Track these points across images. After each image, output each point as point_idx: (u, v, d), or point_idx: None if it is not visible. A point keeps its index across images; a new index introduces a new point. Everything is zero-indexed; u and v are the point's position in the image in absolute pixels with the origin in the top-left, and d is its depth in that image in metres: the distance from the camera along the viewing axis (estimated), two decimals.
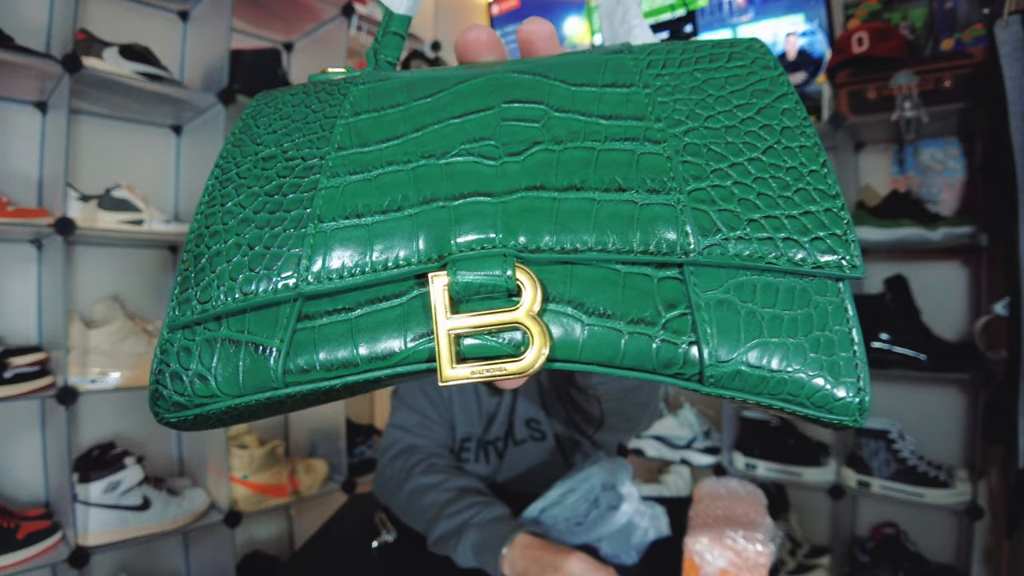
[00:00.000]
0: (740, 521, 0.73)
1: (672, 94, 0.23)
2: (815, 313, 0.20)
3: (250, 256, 0.22)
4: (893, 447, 1.55)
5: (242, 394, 0.22)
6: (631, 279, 0.20)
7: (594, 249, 0.20)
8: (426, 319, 0.20)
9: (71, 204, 1.33)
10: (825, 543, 1.80)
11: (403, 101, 0.25)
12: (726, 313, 0.19)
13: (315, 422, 1.89)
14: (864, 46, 1.56)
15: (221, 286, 0.22)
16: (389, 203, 0.21)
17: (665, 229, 0.20)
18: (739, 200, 0.20)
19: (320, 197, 0.22)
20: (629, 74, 0.24)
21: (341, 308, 0.21)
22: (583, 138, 0.22)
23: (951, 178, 1.70)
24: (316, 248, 0.21)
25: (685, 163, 0.21)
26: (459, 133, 0.23)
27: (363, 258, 0.21)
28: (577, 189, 0.21)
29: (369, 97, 0.25)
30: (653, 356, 0.19)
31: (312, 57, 1.92)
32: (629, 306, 0.20)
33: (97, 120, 1.57)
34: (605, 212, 0.20)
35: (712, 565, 0.67)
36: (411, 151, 0.23)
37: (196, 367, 0.22)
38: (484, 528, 0.77)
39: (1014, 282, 1.20)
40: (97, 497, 1.32)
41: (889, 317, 1.56)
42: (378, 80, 0.27)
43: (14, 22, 1.33)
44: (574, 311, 0.20)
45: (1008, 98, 1.19)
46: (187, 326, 0.23)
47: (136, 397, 1.60)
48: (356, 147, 0.23)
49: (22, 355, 1.29)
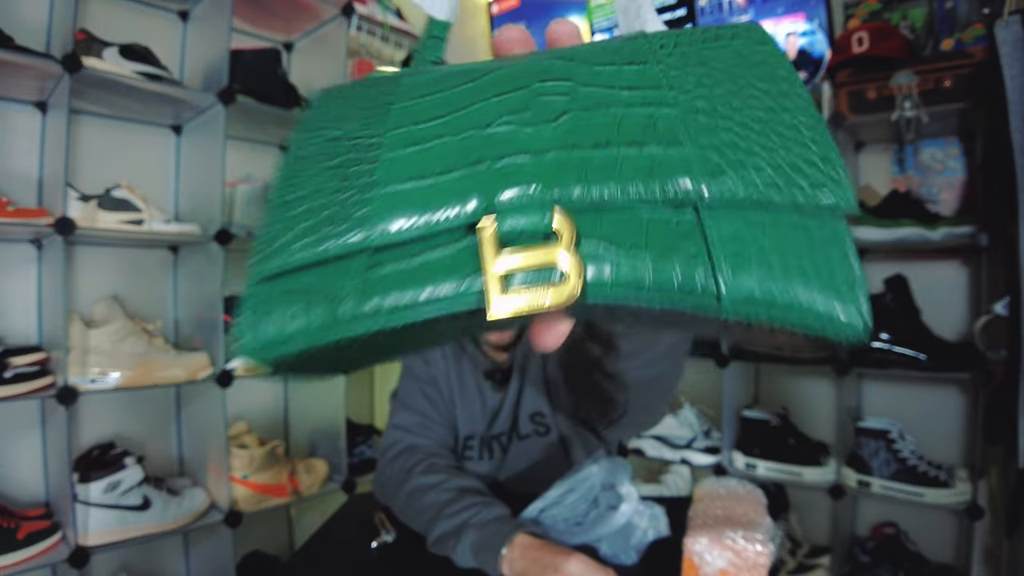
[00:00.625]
0: (740, 521, 0.73)
1: (682, 68, 0.27)
2: (817, 245, 0.23)
3: (323, 217, 0.26)
4: (893, 447, 1.55)
5: (316, 338, 0.25)
6: (653, 221, 0.23)
7: (619, 197, 0.23)
8: (476, 263, 0.24)
9: (71, 204, 1.33)
10: (825, 543, 1.80)
11: (449, 87, 0.29)
12: (738, 247, 0.23)
13: (315, 422, 1.90)
14: (864, 46, 1.56)
15: (297, 244, 0.26)
16: (442, 167, 0.25)
17: (681, 176, 0.23)
18: (744, 150, 0.24)
19: (381, 167, 0.26)
20: (644, 54, 0.28)
21: (402, 258, 0.25)
22: (607, 105, 0.26)
23: (951, 178, 1.70)
24: (381, 208, 0.25)
25: (696, 122, 0.25)
26: (499, 108, 0.27)
27: (421, 214, 0.24)
28: (604, 147, 0.24)
29: (418, 85, 0.30)
30: (675, 282, 0.22)
31: (312, 57, 1.92)
32: (653, 241, 0.23)
33: (97, 120, 1.57)
34: (628, 165, 0.24)
35: (712, 565, 0.67)
36: (458, 125, 0.27)
37: (276, 315, 0.26)
38: (483, 528, 0.77)
39: (1014, 282, 1.20)
40: (97, 497, 1.32)
41: (889, 317, 1.56)
42: (425, 72, 0.31)
43: (14, 22, 1.33)
44: (605, 246, 0.23)
45: (1008, 98, 1.19)
46: (268, 279, 0.27)
47: (136, 397, 1.60)
48: (410, 125, 0.28)
49: (22, 355, 1.29)
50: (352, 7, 1.76)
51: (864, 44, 1.56)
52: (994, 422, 1.33)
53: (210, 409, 1.55)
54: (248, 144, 1.88)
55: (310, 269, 0.26)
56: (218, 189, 1.50)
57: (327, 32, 1.84)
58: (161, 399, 1.67)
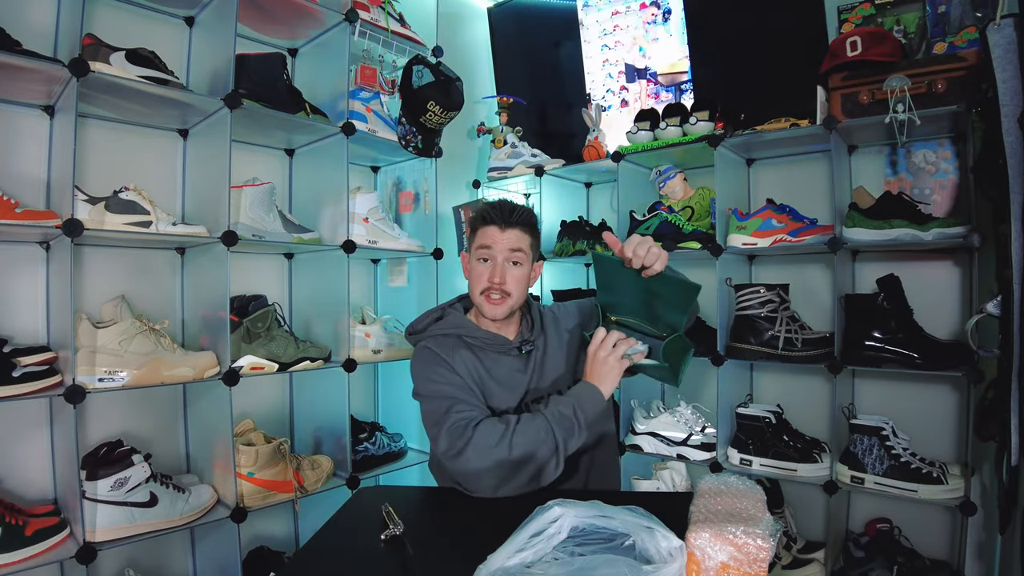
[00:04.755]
0: (740, 517, 0.75)
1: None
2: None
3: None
4: (886, 444, 1.57)
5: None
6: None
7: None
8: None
9: (79, 206, 1.35)
10: (820, 538, 1.83)
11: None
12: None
13: (320, 419, 1.92)
14: (858, 50, 1.58)
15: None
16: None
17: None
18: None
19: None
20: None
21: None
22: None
23: (943, 179, 1.73)
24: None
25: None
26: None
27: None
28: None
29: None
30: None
31: (316, 62, 1.94)
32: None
33: (104, 124, 1.59)
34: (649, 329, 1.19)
35: (713, 559, 0.69)
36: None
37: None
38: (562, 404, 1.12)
39: (1006, 281, 1.22)
40: (104, 494, 1.34)
41: (882, 316, 1.58)
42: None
43: (22, 26, 1.35)
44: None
45: (1000, 100, 1.20)
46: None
47: (144, 395, 1.62)
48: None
49: (30, 354, 1.31)
50: (355, 13, 1.79)
51: (858, 48, 1.58)
52: (986, 420, 1.35)
53: (216, 407, 1.57)
54: (253, 148, 1.90)
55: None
56: (224, 192, 1.52)
57: (331, 37, 1.86)
58: (168, 397, 1.70)
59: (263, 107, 1.60)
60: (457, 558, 0.81)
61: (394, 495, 1.11)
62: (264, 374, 1.63)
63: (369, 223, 1.87)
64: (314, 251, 1.89)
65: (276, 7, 1.72)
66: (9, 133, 1.43)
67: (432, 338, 1.27)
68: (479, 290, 1.25)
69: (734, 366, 1.85)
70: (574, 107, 2.38)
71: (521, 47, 2.54)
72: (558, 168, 2.21)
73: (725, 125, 1.83)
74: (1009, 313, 1.20)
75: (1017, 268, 1.17)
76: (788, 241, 1.73)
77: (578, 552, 0.71)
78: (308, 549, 0.92)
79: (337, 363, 1.78)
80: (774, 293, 1.76)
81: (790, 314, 1.76)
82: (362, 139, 1.85)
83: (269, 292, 1.85)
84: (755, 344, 1.76)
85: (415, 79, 1.84)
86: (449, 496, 1.09)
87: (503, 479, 1.04)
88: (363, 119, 1.85)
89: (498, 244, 1.23)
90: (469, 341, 1.26)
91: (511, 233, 1.24)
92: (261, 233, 1.67)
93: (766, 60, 1.94)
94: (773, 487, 1.82)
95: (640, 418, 2.01)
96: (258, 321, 1.65)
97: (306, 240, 1.76)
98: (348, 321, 1.81)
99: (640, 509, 0.74)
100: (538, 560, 0.69)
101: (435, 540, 0.90)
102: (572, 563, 0.67)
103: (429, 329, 1.29)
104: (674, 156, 2.02)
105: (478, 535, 0.90)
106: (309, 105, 1.74)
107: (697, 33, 2.11)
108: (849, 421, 1.65)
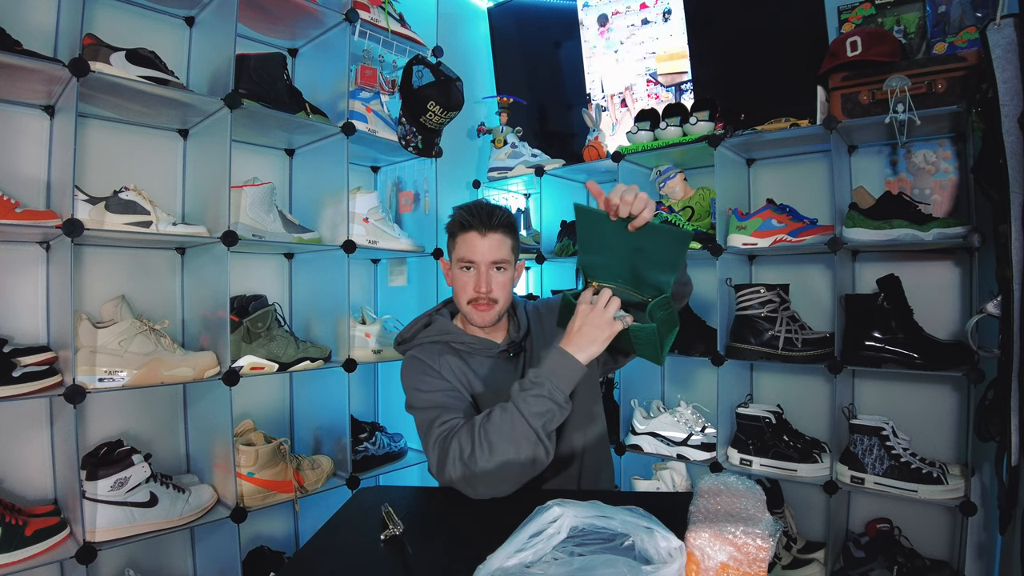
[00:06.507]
0: (740, 517, 0.75)
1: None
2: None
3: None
4: (886, 444, 1.57)
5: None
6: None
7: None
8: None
9: (79, 206, 1.35)
10: (820, 538, 1.83)
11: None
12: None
13: (320, 420, 1.92)
14: (858, 50, 1.58)
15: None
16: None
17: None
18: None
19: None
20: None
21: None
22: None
23: (943, 179, 1.73)
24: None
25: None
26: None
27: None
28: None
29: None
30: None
31: (316, 62, 1.94)
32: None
33: (105, 124, 1.59)
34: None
35: (713, 559, 0.69)
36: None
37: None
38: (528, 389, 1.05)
39: (1006, 281, 1.22)
40: (104, 494, 1.34)
41: (882, 317, 1.58)
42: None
43: (22, 27, 1.35)
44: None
45: (1000, 100, 1.20)
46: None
47: (144, 395, 1.63)
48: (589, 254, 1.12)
49: (31, 354, 1.31)
50: (356, 13, 1.79)
51: (858, 48, 1.58)
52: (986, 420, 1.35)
53: (217, 407, 1.57)
54: (253, 148, 1.90)
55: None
56: (224, 192, 1.52)
57: (331, 37, 1.86)
58: (168, 397, 1.70)
59: (263, 107, 1.60)
60: (457, 558, 0.81)
61: (394, 495, 1.11)
62: (264, 374, 1.63)
63: (369, 223, 1.87)
64: (314, 251, 1.89)
65: (276, 7, 1.72)
66: (9, 133, 1.43)
67: (420, 347, 1.27)
68: (465, 300, 1.23)
69: (734, 366, 1.85)
70: (574, 107, 2.38)
71: (521, 47, 2.54)
72: (558, 168, 2.21)
73: (725, 125, 1.83)
74: (1009, 313, 1.20)
75: (1017, 268, 1.16)
76: (788, 241, 1.73)
77: (577, 552, 0.71)
78: (308, 549, 0.92)
79: (337, 363, 1.78)
80: (774, 293, 1.76)
81: (790, 314, 1.76)
82: (362, 139, 1.85)
83: (269, 292, 1.85)
84: (755, 344, 1.76)
85: (415, 79, 1.85)
86: (449, 496, 1.08)
87: (492, 483, 1.02)
88: (363, 119, 1.85)
89: (481, 253, 1.21)
90: (457, 347, 1.26)
91: (492, 238, 1.21)
92: (261, 233, 1.67)
93: (766, 60, 1.94)
94: (773, 487, 1.82)
95: (640, 418, 2.01)
96: (258, 321, 1.65)
97: (306, 240, 1.77)
98: (348, 321, 1.81)
99: (640, 509, 0.73)
100: (538, 560, 0.69)
101: (435, 540, 0.90)
102: (571, 563, 0.67)
103: (417, 337, 1.29)
104: (674, 156, 2.02)
105: (478, 535, 0.90)
106: (309, 105, 1.74)
107: (697, 33, 2.11)
108: (849, 421, 1.65)
